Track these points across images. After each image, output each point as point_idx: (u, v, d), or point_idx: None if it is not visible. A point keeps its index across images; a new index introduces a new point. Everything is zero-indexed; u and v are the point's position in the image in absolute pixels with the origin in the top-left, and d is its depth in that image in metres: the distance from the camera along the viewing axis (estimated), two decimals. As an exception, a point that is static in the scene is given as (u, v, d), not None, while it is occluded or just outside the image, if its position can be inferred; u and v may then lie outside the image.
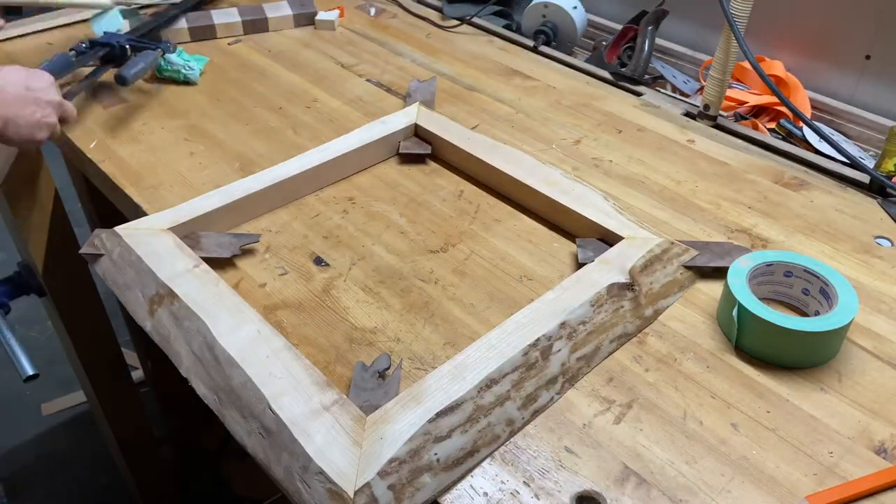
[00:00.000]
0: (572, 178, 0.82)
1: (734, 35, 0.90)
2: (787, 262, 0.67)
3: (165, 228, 0.75)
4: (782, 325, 0.61)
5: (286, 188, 0.83)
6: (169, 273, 0.69)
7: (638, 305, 0.67)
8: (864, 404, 0.60)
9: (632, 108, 1.02)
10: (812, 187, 0.86)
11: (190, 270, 0.70)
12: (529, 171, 0.82)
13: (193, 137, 0.94)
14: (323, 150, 0.87)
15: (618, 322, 0.65)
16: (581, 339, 0.63)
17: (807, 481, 0.54)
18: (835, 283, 0.65)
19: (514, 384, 0.59)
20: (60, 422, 1.85)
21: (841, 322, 0.61)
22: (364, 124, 0.92)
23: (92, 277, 1.22)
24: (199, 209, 0.78)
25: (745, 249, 0.73)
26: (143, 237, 0.74)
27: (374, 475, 0.51)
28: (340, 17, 1.27)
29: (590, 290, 0.66)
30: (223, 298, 0.67)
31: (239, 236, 0.77)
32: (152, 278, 0.69)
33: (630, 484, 0.54)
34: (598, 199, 0.78)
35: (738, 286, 0.64)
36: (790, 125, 0.99)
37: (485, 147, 0.87)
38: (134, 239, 0.73)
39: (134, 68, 0.98)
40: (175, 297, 0.67)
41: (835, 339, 0.62)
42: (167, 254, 0.71)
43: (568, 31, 1.21)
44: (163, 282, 0.68)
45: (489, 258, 0.75)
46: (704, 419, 0.59)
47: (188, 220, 0.76)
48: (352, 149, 0.87)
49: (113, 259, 0.73)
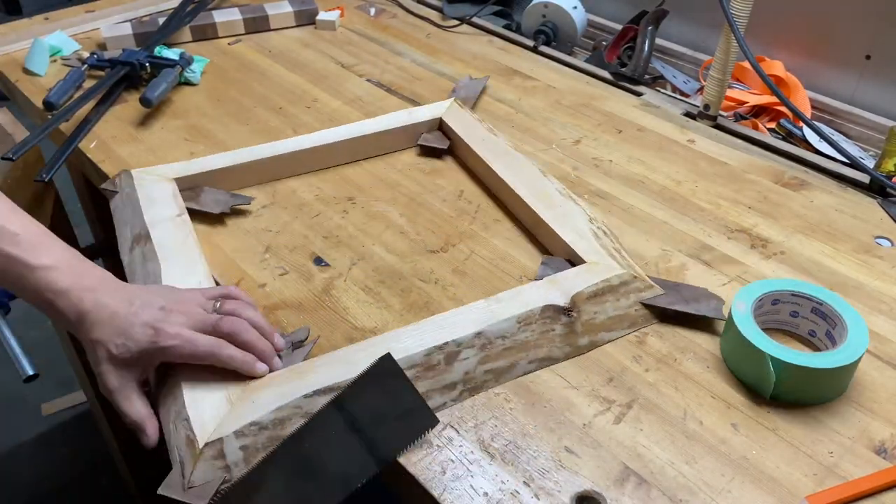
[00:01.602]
0: (567, 194, 0.79)
1: (734, 35, 0.90)
2: (775, 292, 0.65)
3: (171, 178, 0.81)
4: (824, 367, 0.58)
5: (301, 158, 0.87)
6: (153, 217, 0.75)
7: (572, 332, 0.64)
8: (864, 404, 0.60)
9: (632, 108, 1.02)
10: (812, 187, 0.86)
11: (171, 218, 0.75)
12: (525, 181, 0.81)
13: (193, 137, 0.94)
14: (345, 129, 0.90)
15: (543, 344, 0.63)
16: (495, 353, 0.62)
17: (807, 481, 0.54)
18: (823, 298, 0.63)
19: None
20: (60, 422, 1.85)
21: (862, 343, 0.59)
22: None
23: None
24: (209, 165, 0.84)
25: (718, 299, 0.67)
26: (149, 181, 0.80)
27: (230, 433, 0.54)
28: (340, 17, 1.27)
29: (523, 306, 0.64)
30: (186, 249, 0.71)
31: (234, 196, 0.82)
32: (139, 219, 0.75)
33: (630, 484, 0.54)
34: (581, 219, 0.75)
35: (759, 337, 0.60)
36: (790, 125, 0.99)
37: (495, 151, 0.86)
38: (141, 182, 0.80)
39: (157, 90, 0.98)
40: (149, 240, 0.72)
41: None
42: (161, 200, 0.78)
43: (568, 30, 1.21)
44: (145, 224, 0.74)
45: (489, 258, 0.75)
46: (704, 419, 0.59)
47: (196, 174, 0.82)
48: (373, 131, 0.90)
49: (122, 197, 0.80)
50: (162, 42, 1.12)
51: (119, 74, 1.02)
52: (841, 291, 0.71)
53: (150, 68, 1.04)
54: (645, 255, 0.75)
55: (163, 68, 1.03)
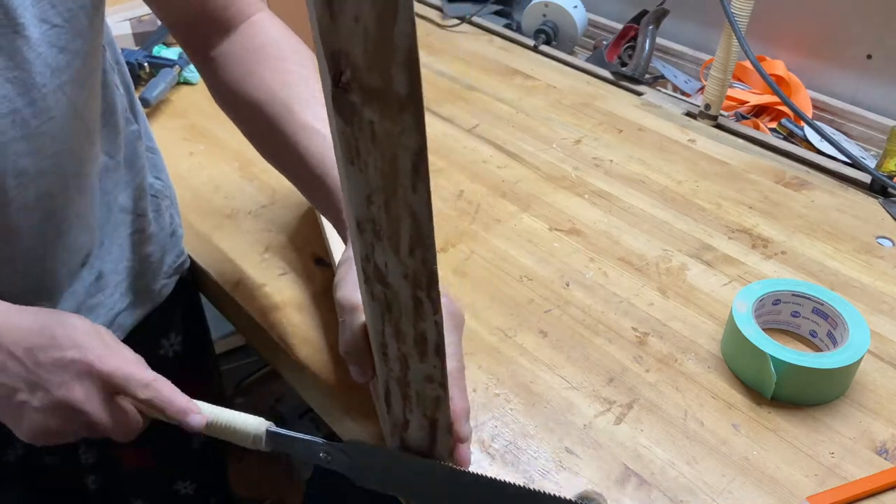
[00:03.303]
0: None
1: (735, 34, 0.89)
2: (776, 292, 0.64)
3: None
4: (825, 368, 0.57)
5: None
6: None
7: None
8: (864, 405, 0.60)
9: (632, 108, 1.02)
10: (813, 187, 0.86)
11: None
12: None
13: (193, 137, 0.94)
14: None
15: None
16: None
17: (808, 482, 0.54)
18: (825, 299, 0.63)
19: None
20: (60, 421, 1.85)
21: (864, 344, 0.59)
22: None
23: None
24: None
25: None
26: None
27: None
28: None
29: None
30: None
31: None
32: None
33: (631, 485, 0.54)
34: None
35: (760, 337, 0.60)
36: (791, 125, 0.99)
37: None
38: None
39: (156, 90, 0.98)
40: None
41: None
42: None
43: (568, 30, 1.21)
44: None
45: (489, 258, 0.75)
46: (705, 420, 0.59)
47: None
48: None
49: None
50: (161, 42, 1.12)
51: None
52: (842, 291, 0.70)
53: (148, 68, 1.04)
54: (645, 255, 0.75)
55: (161, 68, 1.03)
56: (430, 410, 0.47)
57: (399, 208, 0.38)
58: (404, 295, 0.41)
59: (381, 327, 0.43)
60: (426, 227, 0.39)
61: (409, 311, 0.42)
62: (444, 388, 0.46)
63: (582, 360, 0.64)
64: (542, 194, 0.84)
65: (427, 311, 0.42)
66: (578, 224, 0.80)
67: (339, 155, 0.37)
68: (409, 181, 0.37)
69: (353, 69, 0.33)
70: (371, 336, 0.46)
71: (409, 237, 0.39)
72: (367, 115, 0.34)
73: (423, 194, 0.37)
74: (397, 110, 0.35)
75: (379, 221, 0.38)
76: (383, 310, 0.42)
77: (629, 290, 0.71)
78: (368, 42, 0.32)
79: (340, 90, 0.34)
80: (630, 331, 0.67)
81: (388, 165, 0.36)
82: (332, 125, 0.36)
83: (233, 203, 0.83)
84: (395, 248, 0.39)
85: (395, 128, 0.35)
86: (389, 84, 0.34)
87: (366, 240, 0.39)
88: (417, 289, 0.41)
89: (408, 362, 0.44)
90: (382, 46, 0.33)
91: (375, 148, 0.35)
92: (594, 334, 0.66)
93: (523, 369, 0.63)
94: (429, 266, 0.40)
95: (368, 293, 0.42)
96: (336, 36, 0.32)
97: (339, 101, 0.34)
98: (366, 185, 0.37)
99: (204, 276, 0.76)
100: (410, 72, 0.34)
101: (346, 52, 0.33)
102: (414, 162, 0.36)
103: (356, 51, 0.33)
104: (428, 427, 0.48)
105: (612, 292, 0.71)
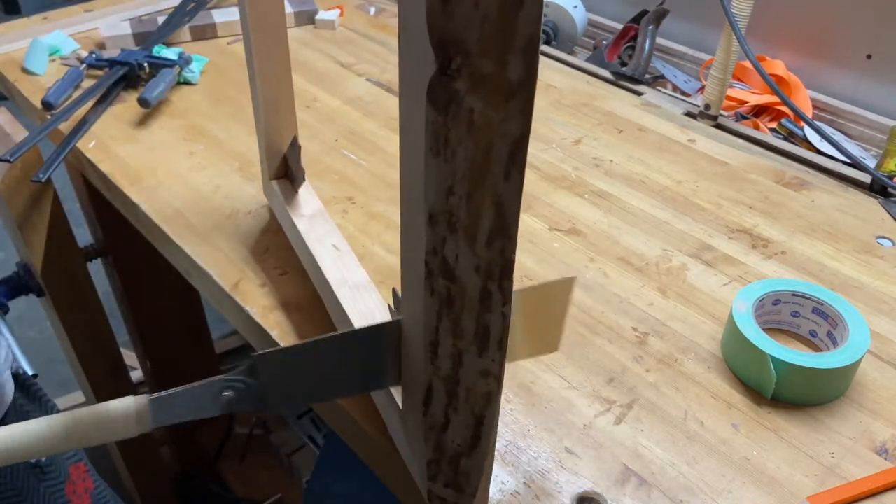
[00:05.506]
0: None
1: (735, 34, 0.89)
2: (776, 292, 0.64)
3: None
4: (825, 368, 0.57)
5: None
6: None
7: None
8: (865, 405, 0.60)
9: (632, 108, 1.02)
10: (813, 187, 0.86)
11: None
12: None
13: (193, 137, 0.94)
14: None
15: None
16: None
17: (808, 482, 0.54)
18: (825, 299, 0.63)
19: None
20: (60, 422, 1.85)
21: (864, 344, 0.59)
22: (364, 124, 0.92)
23: (90, 277, 1.21)
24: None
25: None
26: None
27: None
28: (340, 16, 1.27)
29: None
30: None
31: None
32: None
33: (631, 485, 0.54)
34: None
35: (760, 337, 0.60)
36: (791, 125, 0.99)
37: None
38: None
39: (156, 90, 0.97)
40: None
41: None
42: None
43: (568, 30, 1.21)
44: None
45: (489, 258, 0.75)
46: (705, 420, 0.59)
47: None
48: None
49: None
50: (161, 42, 1.12)
51: (118, 74, 1.02)
52: (842, 292, 0.70)
53: (148, 68, 1.04)
54: (645, 255, 0.75)
55: (161, 68, 1.03)
56: (479, 407, 0.45)
57: (483, 198, 0.36)
58: (472, 288, 0.39)
59: (434, 325, 0.41)
60: (512, 216, 0.37)
61: (474, 305, 0.40)
62: (498, 383, 0.44)
63: (582, 360, 0.64)
64: (542, 194, 0.84)
65: (496, 302, 0.40)
66: (578, 224, 0.80)
67: (418, 147, 0.35)
68: (503, 169, 0.35)
69: (464, 56, 0.32)
70: (412, 335, 0.44)
71: (490, 228, 0.37)
72: (469, 102, 0.33)
73: (515, 183, 0.36)
74: (504, 98, 0.33)
75: (457, 213, 0.36)
76: (441, 306, 0.40)
77: (629, 290, 0.71)
78: (486, 28, 0.31)
79: (446, 78, 0.32)
80: (630, 331, 0.67)
81: (482, 154, 0.35)
82: (413, 116, 0.34)
83: (233, 203, 0.83)
84: (470, 239, 0.37)
85: (497, 115, 0.34)
86: (503, 71, 0.32)
87: (437, 233, 0.37)
88: (489, 280, 0.39)
89: (461, 358, 0.42)
90: (503, 32, 0.31)
91: (469, 136, 0.34)
92: (594, 334, 0.66)
93: (523, 369, 0.63)
94: (507, 255, 0.38)
95: (428, 289, 0.39)
96: (448, 23, 0.31)
97: (439, 89, 0.32)
98: (449, 175, 0.35)
99: (204, 277, 0.76)
100: (528, 57, 0.32)
101: (459, 39, 0.31)
102: (511, 150, 0.35)
103: (471, 37, 0.31)
104: (473, 425, 0.46)
105: (612, 292, 0.71)
